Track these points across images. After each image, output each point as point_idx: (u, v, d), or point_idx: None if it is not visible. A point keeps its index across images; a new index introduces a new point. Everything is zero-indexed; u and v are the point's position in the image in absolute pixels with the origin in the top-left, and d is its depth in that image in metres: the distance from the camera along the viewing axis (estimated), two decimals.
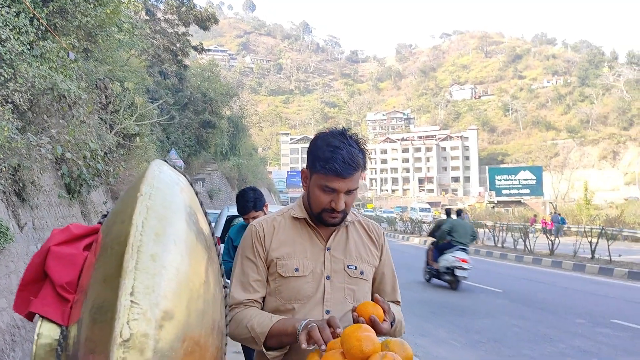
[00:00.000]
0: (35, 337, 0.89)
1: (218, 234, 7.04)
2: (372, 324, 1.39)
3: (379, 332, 1.38)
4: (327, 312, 1.59)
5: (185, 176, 1.08)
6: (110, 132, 12.45)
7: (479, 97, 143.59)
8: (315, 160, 1.57)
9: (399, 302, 1.85)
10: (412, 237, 28.59)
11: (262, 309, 1.66)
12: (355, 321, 1.40)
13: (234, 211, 8.03)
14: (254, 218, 3.75)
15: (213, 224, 7.86)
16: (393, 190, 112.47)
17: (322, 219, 1.62)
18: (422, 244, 25.43)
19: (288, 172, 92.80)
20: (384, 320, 1.45)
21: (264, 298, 1.65)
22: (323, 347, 1.30)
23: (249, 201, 3.85)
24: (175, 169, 1.08)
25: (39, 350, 0.88)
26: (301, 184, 1.70)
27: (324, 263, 1.64)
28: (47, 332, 0.89)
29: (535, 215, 31.99)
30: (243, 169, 40.16)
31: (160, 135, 22.46)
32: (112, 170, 10.94)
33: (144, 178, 0.92)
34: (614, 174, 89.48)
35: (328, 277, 1.63)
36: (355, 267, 1.67)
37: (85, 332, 0.82)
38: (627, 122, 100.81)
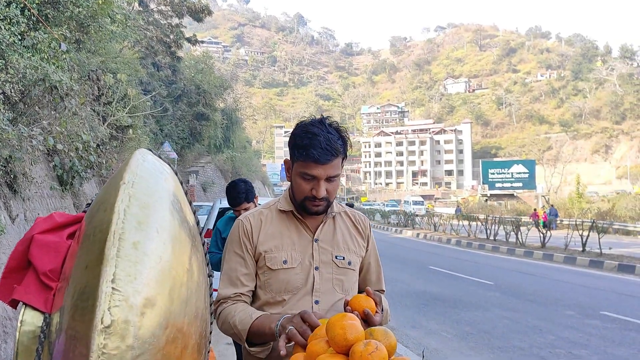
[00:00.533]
0: (19, 324, 0.89)
1: (210, 226, 7.04)
2: (366, 317, 1.41)
3: (372, 325, 1.39)
4: (317, 302, 1.61)
5: (170, 165, 1.08)
6: (103, 124, 12.39)
7: (473, 90, 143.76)
8: (295, 149, 1.59)
9: (384, 291, 1.88)
10: (405, 230, 28.68)
11: (251, 302, 1.67)
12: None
13: (226, 203, 8.04)
14: (246, 210, 3.75)
15: (205, 217, 7.89)
16: (387, 184, 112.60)
17: (305, 207, 1.63)
18: (415, 236, 25.52)
19: (282, 165, 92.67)
20: (376, 312, 1.47)
21: (253, 291, 1.66)
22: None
23: (241, 193, 3.84)
24: (160, 158, 1.08)
25: (22, 337, 0.89)
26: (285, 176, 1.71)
27: (312, 254, 1.65)
28: (30, 319, 0.89)
29: (536, 210, 32.07)
30: (237, 161, 40.06)
31: (154, 127, 22.37)
32: (104, 162, 10.90)
33: (127, 166, 0.93)
34: (606, 168, 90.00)
35: (317, 268, 1.64)
36: (343, 258, 1.68)
37: (68, 319, 0.82)
38: (620, 116, 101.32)
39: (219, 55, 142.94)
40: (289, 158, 1.66)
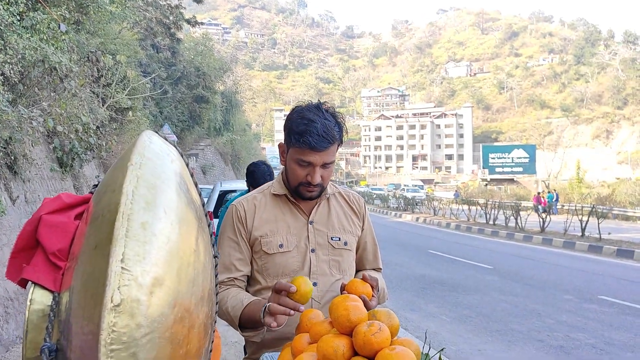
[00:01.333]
0: (28, 303, 0.90)
1: (210, 208, 7.07)
2: (363, 303, 1.41)
3: (368, 309, 1.40)
4: (315, 284, 1.62)
5: (175, 147, 1.08)
6: (103, 105, 12.36)
7: (475, 74, 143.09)
8: (291, 134, 1.58)
9: (381, 268, 1.89)
10: (405, 214, 28.75)
11: (250, 286, 1.68)
12: None
13: (226, 186, 8.06)
14: None
15: (206, 200, 7.94)
16: (387, 168, 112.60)
17: (299, 192, 1.63)
18: (414, 221, 25.60)
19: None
20: (372, 297, 1.48)
21: (251, 276, 1.67)
22: (291, 312, 1.33)
23: (266, 174, 3.91)
24: (166, 140, 1.08)
25: (32, 315, 0.90)
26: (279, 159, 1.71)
27: (308, 237, 1.66)
28: (39, 298, 0.90)
29: (539, 193, 32.04)
30: (236, 144, 40.03)
31: (153, 109, 22.31)
32: (104, 144, 10.90)
33: (134, 148, 0.93)
34: (606, 153, 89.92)
35: (313, 250, 1.65)
36: (339, 239, 1.69)
37: (77, 298, 0.83)
38: (622, 101, 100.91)
39: (218, 37, 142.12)
40: (283, 142, 1.66)
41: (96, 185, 1.03)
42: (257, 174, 3.92)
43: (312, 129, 1.53)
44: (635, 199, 27.43)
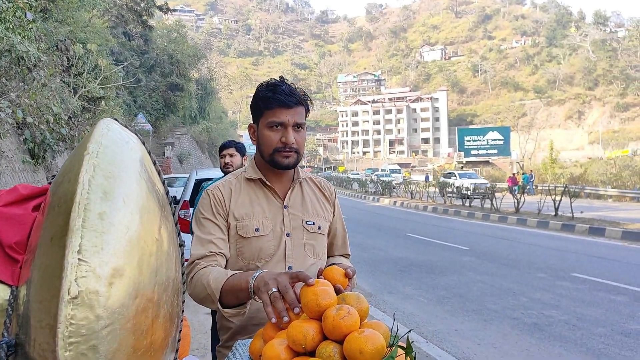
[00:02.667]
0: None
1: (187, 197, 7.01)
2: (337, 292, 1.40)
3: None
4: (290, 268, 1.62)
5: (137, 135, 1.06)
6: (74, 95, 12.12)
7: (449, 58, 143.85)
8: (259, 102, 1.62)
9: (349, 254, 1.90)
10: (383, 199, 28.92)
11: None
12: None
13: (202, 174, 7.99)
14: (231, 155, 4.17)
15: (182, 188, 7.89)
16: (364, 153, 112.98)
17: (275, 161, 1.62)
18: (392, 204, 25.78)
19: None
20: (348, 286, 1.48)
21: (227, 260, 1.64)
22: (296, 309, 1.21)
23: (232, 141, 4.26)
24: (127, 127, 1.06)
25: None
26: (250, 141, 1.72)
27: (283, 221, 1.66)
28: None
29: (514, 174, 32.42)
30: (213, 132, 39.66)
31: (127, 98, 21.96)
32: (77, 135, 10.70)
33: (91, 136, 0.91)
34: (578, 134, 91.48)
35: (288, 234, 1.65)
36: (313, 223, 1.70)
37: (35, 291, 0.81)
38: (593, 82, 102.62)
39: (192, 24, 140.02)
40: (252, 122, 1.69)
41: (54, 176, 1.01)
42: (224, 142, 4.27)
43: (279, 90, 1.59)
44: (607, 178, 28.03)
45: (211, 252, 1.56)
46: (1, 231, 0.91)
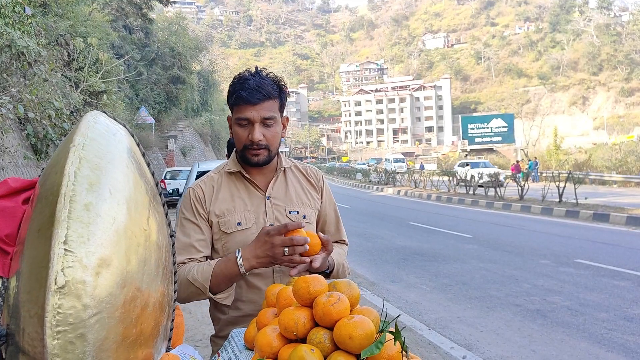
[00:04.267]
0: None
1: None
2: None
3: (310, 255, 1.44)
4: None
5: (125, 126, 1.07)
6: (76, 90, 12.14)
7: (452, 45, 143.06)
8: (229, 97, 1.59)
9: (344, 241, 1.87)
10: (386, 188, 28.91)
11: None
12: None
13: (204, 167, 8.02)
14: None
15: (184, 181, 7.98)
16: (368, 142, 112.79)
17: (246, 158, 1.61)
18: (396, 194, 25.78)
19: None
20: (322, 251, 1.49)
21: (208, 257, 1.64)
22: (306, 246, 1.41)
23: None
24: (115, 120, 1.07)
25: None
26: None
27: (266, 212, 1.65)
28: None
29: (517, 162, 32.25)
30: (216, 124, 39.69)
31: (129, 92, 21.97)
32: None
33: (77, 129, 0.92)
34: (583, 119, 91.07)
35: (272, 225, 1.64)
36: (297, 212, 1.69)
37: (24, 282, 0.83)
38: (597, 67, 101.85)
39: (192, 16, 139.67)
40: (230, 115, 1.66)
41: (44, 169, 1.02)
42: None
43: (246, 85, 1.54)
44: (612, 164, 27.90)
45: (190, 258, 1.58)
46: None
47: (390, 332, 1.12)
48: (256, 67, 1.63)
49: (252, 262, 1.46)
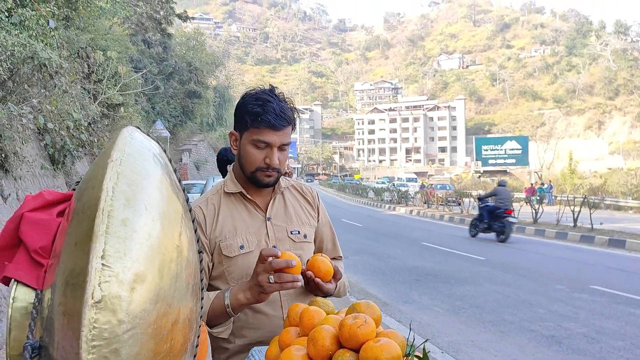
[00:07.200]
0: (11, 301, 0.90)
1: None
2: (317, 285, 1.47)
3: (324, 292, 1.49)
4: None
5: (158, 143, 1.08)
6: (94, 102, 12.31)
7: (467, 66, 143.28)
8: (246, 116, 1.53)
9: (341, 257, 1.86)
10: (399, 207, 28.80)
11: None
12: (303, 275, 1.45)
13: (219, 181, 8.06)
14: None
15: (199, 194, 8.03)
16: (380, 161, 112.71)
17: (256, 179, 1.58)
18: (408, 213, 25.66)
19: None
20: (330, 282, 1.51)
21: (210, 285, 1.63)
22: (293, 263, 1.36)
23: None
24: (148, 135, 1.08)
25: (15, 313, 0.90)
26: (231, 148, 1.64)
27: (267, 234, 1.62)
28: (22, 295, 0.91)
29: (532, 184, 31.96)
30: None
31: (145, 105, 22.23)
32: (96, 141, 10.85)
33: (115, 144, 0.93)
34: (598, 144, 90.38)
35: (274, 247, 1.61)
36: (299, 232, 1.66)
37: (59, 295, 0.83)
38: (613, 91, 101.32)
39: (210, 31, 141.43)
40: (234, 129, 1.61)
41: (78, 182, 1.03)
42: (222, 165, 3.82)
43: (269, 109, 1.50)
44: (627, 189, 27.62)
45: None
46: (27, 236, 0.93)
47: (417, 356, 1.11)
48: (271, 87, 1.60)
49: (240, 296, 1.44)
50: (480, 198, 15.32)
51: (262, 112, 1.50)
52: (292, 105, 1.59)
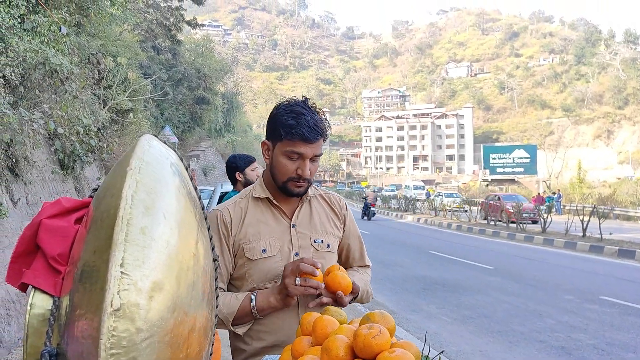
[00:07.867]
0: (29, 308, 0.90)
1: None
2: (338, 299, 1.51)
3: (341, 305, 1.52)
4: None
5: (175, 151, 1.09)
6: (104, 107, 12.37)
7: (475, 74, 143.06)
8: (279, 128, 1.56)
9: (369, 265, 1.88)
10: (406, 215, 28.73)
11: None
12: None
13: (227, 187, 8.06)
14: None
15: (207, 201, 7.97)
16: (388, 168, 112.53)
17: (287, 189, 1.62)
18: (415, 221, 25.59)
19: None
20: (349, 295, 1.55)
21: (231, 283, 1.68)
22: (316, 272, 1.47)
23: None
24: (165, 144, 1.08)
25: (32, 319, 0.90)
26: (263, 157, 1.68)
27: (291, 240, 1.65)
28: (39, 302, 0.91)
29: (539, 194, 31.74)
30: (237, 145, 40.00)
31: (154, 111, 22.33)
32: (105, 146, 10.90)
33: (133, 152, 0.94)
34: (607, 153, 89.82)
35: (296, 254, 1.63)
36: (322, 241, 1.68)
37: (77, 302, 0.83)
38: (622, 101, 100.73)
39: (219, 38, 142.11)
40: (266, 139, 1.64)
41: (96, 189, 1.03)
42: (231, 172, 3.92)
43: (303, 121, 1.53)
44: (637, 199, 27.43)
45: None
46: (45, 242, 0.93)
47: None
48: (305, 99, 1.63)
49: (271, 299, 1.54)
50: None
51: (296, 124, 1.53)
52: (323, 116, 1.62)
